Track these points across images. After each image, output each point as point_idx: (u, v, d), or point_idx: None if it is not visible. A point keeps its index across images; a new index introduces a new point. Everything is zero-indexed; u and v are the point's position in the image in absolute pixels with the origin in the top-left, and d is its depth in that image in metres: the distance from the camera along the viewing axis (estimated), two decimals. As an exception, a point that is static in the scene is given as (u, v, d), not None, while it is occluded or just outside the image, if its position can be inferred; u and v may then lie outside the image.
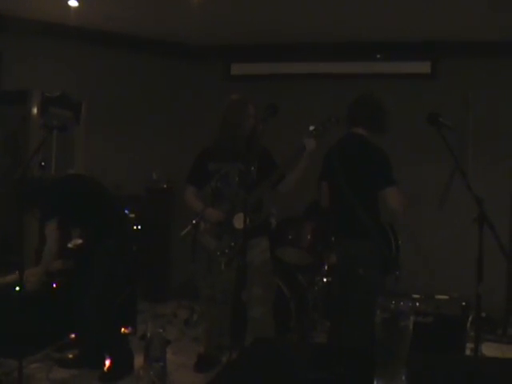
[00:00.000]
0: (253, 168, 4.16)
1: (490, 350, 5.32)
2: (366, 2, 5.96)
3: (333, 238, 4.84)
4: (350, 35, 6.95)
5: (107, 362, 4.29)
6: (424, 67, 7.20)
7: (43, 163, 5.86)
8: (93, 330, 4.33)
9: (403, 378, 1.67)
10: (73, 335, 4.90)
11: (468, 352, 4.65)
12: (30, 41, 6.73)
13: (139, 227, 6.78)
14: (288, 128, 4.34)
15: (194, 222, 5.54)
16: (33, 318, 4.29)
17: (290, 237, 5.74)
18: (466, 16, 6.06)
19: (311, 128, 4.30)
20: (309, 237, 5.70)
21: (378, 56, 7.33)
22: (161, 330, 1.90)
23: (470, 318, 5.14)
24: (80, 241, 5.06)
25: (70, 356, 4.72)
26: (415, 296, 5.15)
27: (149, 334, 1.89)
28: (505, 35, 6.52)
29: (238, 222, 4.37)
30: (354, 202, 4.11)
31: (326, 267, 5.86)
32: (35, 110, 5.95)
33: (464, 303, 4.97)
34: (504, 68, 6.78)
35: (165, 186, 7.41)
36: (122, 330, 4.30)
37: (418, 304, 4.89)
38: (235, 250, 4.36)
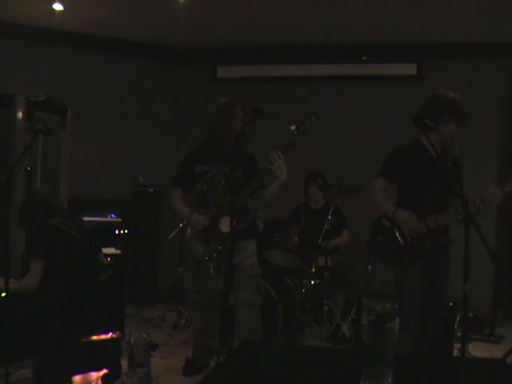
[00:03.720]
0: (238, 172, 4.15)
1: (477, 349, 5.34)
2: (352, 5, 5.98)
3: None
4: (336, 38, 6.98)
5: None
6: (410, 69, 7.24)
7: (29, 167, 5.82)
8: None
9: (390, 379, 1.67)
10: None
11: (455, 352, 4.67)
12: (15, 45, 6.71)
13: (126, 231, 6.76)
14: (274, 131, 4.33)
15: (180, 225, 5.54)
16: (19, 324, 4.23)
17: (277, 239, 5.73)
18: (451, 18, 6.10)
19: (292, 127, 4.29)
20: (296, 239, 5.69)
21: (364, 58, 7.36)
22: (145, 335, 1.88)
23: (457, 318, 5.16)
24: None
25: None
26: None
27: (132, 340, 1.87)
28: (490, 37, 6.56)
29: (225, 225, 4.36)
30: None
31: (313, 269, 5.86)
32: (20, 115, 5.90)
33: (451, 303, 4.98)
34: (489, 69, 6.83)
35: (152, 189, 7.39)
36: (110, 334, 4.24)
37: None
38: (223, 254, 4.35)
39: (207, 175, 4.55)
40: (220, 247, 4.40)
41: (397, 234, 4.11)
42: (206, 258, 4.45)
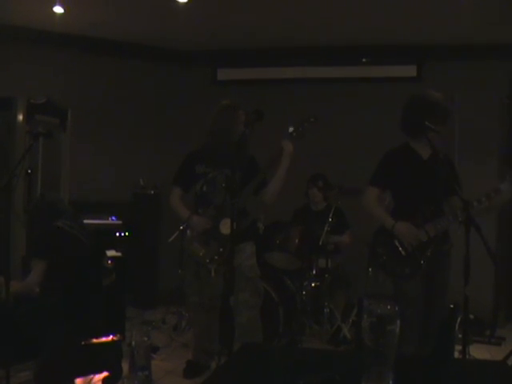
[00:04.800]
0: (239, 174, 4.15)
1: (478, 351, 5.34)
2: (352, 7, 5.99)
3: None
4: (336, 39, 6.99)
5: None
6: (410, 70, 7.24)
7: (29, 170, 5.83)
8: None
9: (391, 381, 1.67)
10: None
11: (456, 354, 4.66)
12: (15, 47, 6.71)
13: (126, 234, 6.76)
14: (274, 133, 4.33)
15: (181, 227, 5.54)
16: (20, 326, 4.22)
17: (277, 241, 5.73)
18: (451, 19, 6.10)
19: (291, 129, 4.30)
20: (297, 241, 5.69)
21: (364, 60, 7.37)
22: (146, 339, 1.88)
23: (458, 320, 5.15)
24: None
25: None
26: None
27: (133, 343, 1.87)
28: (489, 38, 6.56)
29: (225, 227, 4.35)
30: None
31: (314, 271, 5.86)
32: (21, 117, 5.91)
33: (452, 305, 4.97)
34: (488, 70, 6.84)
35: (152, 192, 7.39)
36: (110, 337, 4.24)
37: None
38: (224, 256, 4.35)
39: (208, 176, 4.56)
40: (221, 249, 4.39)
41: (397, 244, 4.06)
42: (207, 261, 4.44)
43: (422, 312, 3.99)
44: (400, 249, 4.04)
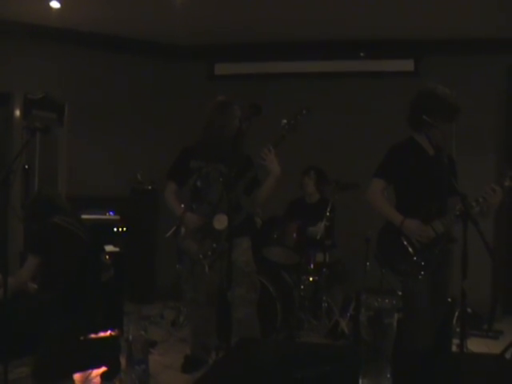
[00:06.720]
0: (234, 171, 4.13)
1: (475, 345, 5.34)
2: (349, 1, 5.98)
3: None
4: (333, 34, 6.98)
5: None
6: (407, 65, 7.24)
7: (27, 166, 5.82)
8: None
9: (388, 375, 1.67)
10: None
11: (454, 348, 4.67)
12: (12, 42, 6.69)
13: (124, 229, 6.75)
14: (271, 127, 4.32)
15: (178, 223, 5.54)
16: (18, 321, 4.22)
17: (275, 236, 5.73)
18: (449, 14, 6.10)
19: (284, 122, 4.29)
20: (294, 235, 5.69)
21: (362, 54, 7.36)
22: (143, 333, 1.88)
23: (455, 314, 5.16)
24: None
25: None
26: (401, 293, 5.15)
27: (131, 337, 1.87)
28: (486, 32, 6.56)
29: (218, 222, 4.35)
30: None
31: (312, 266, 5.86)
32: (18, 113, 5.90)
33: (449, 299, 4.99)
34: (486, 65, 6.83)
35: (149, 187, 7.38)
36: (108, 332, 4.24)
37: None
38: (218, 252, 4.34)
39: (202, 171, 4.55)
40: (214, 245, 4.38)
41: (405, 243, 3.97)
42: (201, 256, 4.43)
43: (429, 309, 3.95)
44: (408, 247, 3.97)
